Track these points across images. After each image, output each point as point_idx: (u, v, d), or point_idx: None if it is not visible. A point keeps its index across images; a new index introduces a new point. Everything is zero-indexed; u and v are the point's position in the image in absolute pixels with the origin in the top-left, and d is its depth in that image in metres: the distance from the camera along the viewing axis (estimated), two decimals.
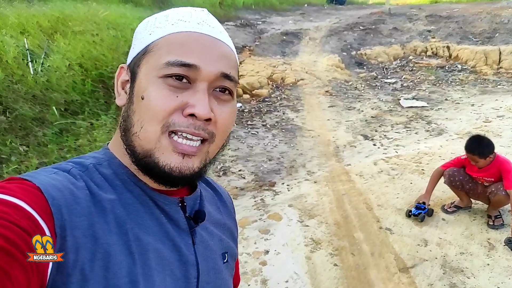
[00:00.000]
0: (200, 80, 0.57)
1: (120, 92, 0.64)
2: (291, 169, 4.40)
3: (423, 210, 3.20)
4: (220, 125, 0.60)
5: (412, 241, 2.97)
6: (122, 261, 0.53)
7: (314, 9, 15.37)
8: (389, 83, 7.68)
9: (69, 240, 0.48)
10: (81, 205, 0.52)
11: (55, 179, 0.53)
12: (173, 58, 0.56)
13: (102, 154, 0.64)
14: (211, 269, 0.67)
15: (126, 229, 0.55)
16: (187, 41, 0.57)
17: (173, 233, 0.62)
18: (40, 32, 6.09)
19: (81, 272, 0.48)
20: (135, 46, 0.63)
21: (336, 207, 3.52)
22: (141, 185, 0.61)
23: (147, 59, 0.59)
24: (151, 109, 0.56)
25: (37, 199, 0.48)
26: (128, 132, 0.59)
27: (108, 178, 0.59)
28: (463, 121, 5.75)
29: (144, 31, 0.62)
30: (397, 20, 11.32)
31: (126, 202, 0.58)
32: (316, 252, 2.88)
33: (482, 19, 10.50)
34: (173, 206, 0.64)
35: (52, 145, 3.87)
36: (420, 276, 2.61)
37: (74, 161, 0.61)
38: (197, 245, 0.65)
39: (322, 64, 8.13)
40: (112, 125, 4.32)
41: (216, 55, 0.59)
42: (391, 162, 4.42)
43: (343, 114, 6.23)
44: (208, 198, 0.76)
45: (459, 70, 8.33)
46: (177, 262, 0.61)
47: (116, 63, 5.33)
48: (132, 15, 7.74)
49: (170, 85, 0.56)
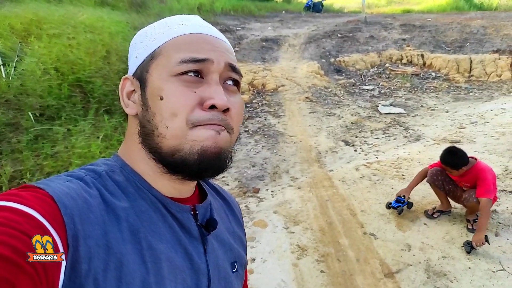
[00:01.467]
0: (212, 72, 0.59)
1: (127, 102, 0.64)
2: (275, 175, 4.41)
3: (402, 204, 3.29)
4: (235, 116, 0.61)
5: (396, 246, 3.02)
6: (136, 271, 0.52)
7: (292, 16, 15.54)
8: (367, 90, 7.83)
9: (81, 250, 0.48)
10: (94, 213, 0.52)
11: (69, 187, 0.52)
12: (185, 55, 0.58)
13: (114, 161, 0.64)
14: (222, 278, 0.67)
15: (139, 237, 0.55)
16: (194, 40, 0.60)
17: (185, 241, 0.62)
18: (13, 35, 5.87)
19: (94, 282, 0.48)
20: (138, 55, 0.63)
21: (320, 213, 3.55)
22: (154, 192, 0.61)
23: (156, 62, 0.60)
24: (173, 107, 0.56)
25: (50, 208, 0.48)
26: (151, 136, 0.59)
27: (121, 185, 0.59)
28: (438, 127, 5.93)
29: (145, 40, 0.63)
30: (373, 28, 11.60)
31: (139, 210, 0.58)
32: (302, 259, 2.89)
33: (453, 29, 10.91)
34: (186, 214, 0.64)
35: (27, 152, 3.72)
36: (405, 281, 2.65)
37: (87, 168, 0.61)
38: (209, 254, 0.65)
39: (302, 71, 8.21)
40: (91, 131, 4.20)
41: (222, 50, 0.62)
42: (372, 167, 4.49)
43: (323, 120, 6.30)
44: (216, 206, 0.76)
45: (433, 78, 8.61)
46: (189, 270, 0.61)
47: (93, 67, 5.20)
48: (110, 18, 7.57)
49: (185, 81, 0.57)
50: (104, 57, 5.56)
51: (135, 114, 0.62)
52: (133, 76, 0.63)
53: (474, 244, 2.76)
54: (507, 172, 4.10)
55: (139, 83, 0.62)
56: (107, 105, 4.86)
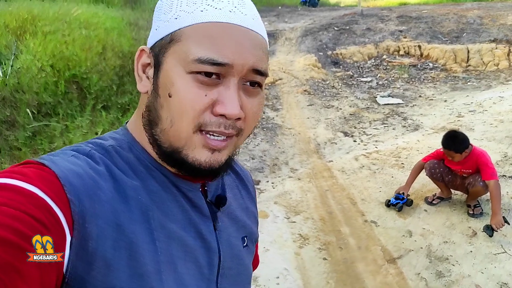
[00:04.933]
0: (231, 76, 0.54)
1: (141, 76, 0.61)
2: (274, 167, 4.40)
3: (401, 201, 3.28)
4: (250, 120, 0.58)
5: (397, 233, 3.02)
6: (146, 250, 0.52)
7: (288, 10, 15.47)
8: (365, 82, 7.82)
9: (89, 228, 0.47)
10: (103, 191, 0.50)
11: (75, 163, 0.51)
12: (204, 55, 0.52)
13: (122, 135, 0.62)
14: (234, 256, 0.67)
15: (149, 216, 0.54)
16: (219, 35, 0.53)
17: (196, 220, 0.61)
18: (7, 33, 5.84)
19: (104, 261, 0.47)
20: (158, 27, 0.58)
21: (320, 202, 3.54)
22: (164, 171, 0.60)
23: (174, 48, 0.55)
24: (181, 109, 0.53)
25: (54, 186, 0.47)
26: (154, 125, 0.57)
27: (130, 163, 0.58)
28: (437, 117, 5.93)
29: (169, 12, 0.57)
30: (369, 20, 11.55)
31: (150, 189, 0.57)
32: (304, 248, 2.89)
33: (450, 20, 10.88)
34: (196, 192, 0.63)
35: (25, 148, 3.72)
36: (407, 266, 2.65)
37: (94, 142, 0.58)
38: (219, 231, 0.64)
39: (299, 64, 8.19)
40: (88, 127, 4.19)
41: (249, 49, 0.55)
42: (371, 157, 4.49)
43: (321, 112, 6.29)
44: (229, 182, 0.74)
45: (431, 68, 8.59)
46: (201, 249, 0.60)
47: (89, 63, 5.17)
48: (105, 14, 7.52)
49: (199, 81, 0.53)
50: (100, 53, 5.53)
51: (146, 92, 0.59)
52: (151, 50, 0.59)
53: (494, 227, 2.73)
54: (506, 158, 4.11)
55: (155, 61, 0.58)
56: (103, 100, 4.84)
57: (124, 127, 0.65)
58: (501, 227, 2.72)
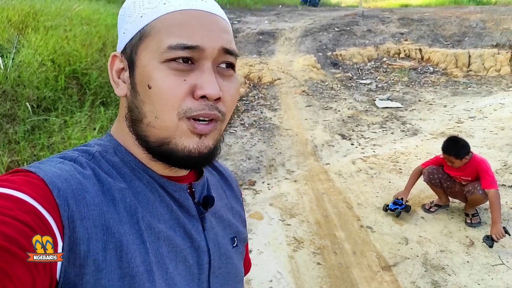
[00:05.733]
0: (204, 59, 0.55)
1: (117, 81, 0.62)
2: (271, 168, 4.34)
3: (400, 206, 3.22)
4: (228, 102, 0.59)
5: (393, 239, 2.97)
6: (135, 250, 0.53)
7: (288, 9, 15.42)
8: (364, 84, 7.77)
9: (78, 231, 0.48)
10: (90, 194, 0.51)
11: (61, 169, 0.52)
12: (175, 41, 0.54)
13: (107, 141, 0.63)
14: (222, 254, 0.68)
15: (137, 217, 0.55)
16: (186, 21, 0.55)
17: (183, 220, 0.62)
18: (10, 27, 5.80)
19: (94, 263, 0.48)
20: (126, 30, 0.59)
21: (316, 206, 3.49)
22: (149, 173, 0.61)
23: (145, 44, 0.56)
24: (162, 98, 0.54)
25: (42, 191, 0.47)
26: (139, 123, 0.58)
27: (116, 166, 0.59)
28: (436, 122, 5.88)
29: (133, 14, 0.58)
30: (370, 22, 11.50)
31: (136, 191, 0.58)
32: (298, 251, 2.83)
33: (452, 23, 10.84)
34: (183, 193, 0.64)
35: (24, 142, 3.68)
36: (403, 274, 2.60)
37: (80, 149, 0.60)
38: (207, 231, 0.66)
39: (298, 64, 8.13)
40: (87, 122, 4.15)
41: (216, 31, 0.57)
42: (369, 161, 4.44)
43: (319, 114, 6.23)
44: (213, 182, 0.76)
45: (431, 72, 8.54)
46: (189, 248, 0.61)
47: (90, 59, 5.17)
48: (106, 11, 7.52)
49: (174, 69, 0.54)
50: (100, 49, 5.53)
51: (124, 95, 0.60)
52: (122, 54, 0.60)
53: (494, 237, 2.68)
54: (506, 167, 4.06)
55: (128, 63, 0.59)
56: (103, 97, 4.83)
57: (108, 133, 0.66)
58: (502, 237, 2.67)
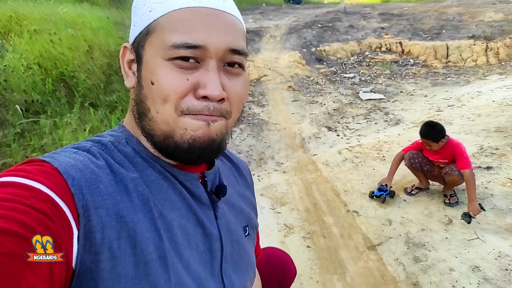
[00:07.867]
0: (208, 58, 0.55)
1: (128, 72, 0.63)
2: (260, 161, 4.50)
3: (384, 192, 3.41)
4: (234, 100, 0.59)
5: (378, 222, 3.16)
6: (149, 238, 0.53)
7: (273, 8, 15.58)
8: (348, 78, 7.98)
9: (93, 220, 0.49)
10: (103, 184, 0.52)
11: (75, 159, 0.53)
12: (179, 39, 0.53)
13: (119, 132, 0.64)
14: (234, 241, 0.69)
15: (150, 206, 0.56)
16: (190, 19, 0.54)
17: (195, 208, 0.63)
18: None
19: (109, 250, 0.49)
20: (136, 23, 0.60)
21: (305, 194, 3.66)
22: (161, 163, 0.61)
23: (150, 39, 0.56)
24: (162, 94, 0.54)
25: (57, 181, 0.48)
26: (144, 118, 0.59)
27: (128, 155, 0.59)
28: (417, 111, 6.11)
29: (143, 7, 0.59)
30: (352, 18, 11.74)
31: (148, 180, 0.58)
32: (289, 237, 3.00)
33: (430, 17, 11.15)
34: (194, 182, 0.64)
35: (15, 145, 3.75)
36: (387, 252, 2.78)
37: (93, 140, 0.61)
38: (220, 219, 0.67)
39: (284, 61, 8.30)
40: (77, 124, 4.22)
41: (222, 30, 0.56)
42: (354, 151, 4.63)
43: (306, 108, 6.41)
44: (225, 170, 0.77)
45: (412, 64, 8.81)
46: (201, 236, 0.62)
47: (77, 62, 5.20)
48: (91, 14, 7.52)
49: (179, 67, 0.54)
50: (87, 52, 5.56)
51: (132, 87, 0.61)
52: (132, 46, 0.61)
53: (471, 214, 2.87)
54: (482, 150, 4.29)
55: (136, 56, 0.60)
56: (92, 98, 4.87)
57: (121, 124, 0.66)
58: (478, 213, 2.87)
